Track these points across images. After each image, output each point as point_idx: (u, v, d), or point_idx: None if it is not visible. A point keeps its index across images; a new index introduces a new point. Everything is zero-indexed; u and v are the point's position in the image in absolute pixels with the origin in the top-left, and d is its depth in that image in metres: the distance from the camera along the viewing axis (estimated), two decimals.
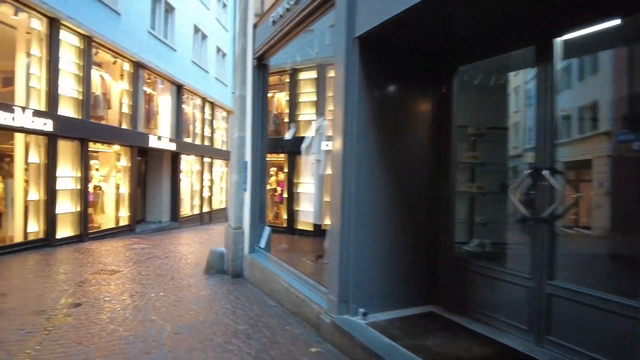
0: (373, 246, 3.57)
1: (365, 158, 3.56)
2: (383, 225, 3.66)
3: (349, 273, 3.45)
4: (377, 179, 3.64)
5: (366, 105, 3.60)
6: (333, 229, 3.58)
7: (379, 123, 3.68)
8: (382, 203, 3.66)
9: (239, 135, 6.29)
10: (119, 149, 12.16)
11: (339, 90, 3.59)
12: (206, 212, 18.50)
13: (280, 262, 5.11)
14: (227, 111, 21.33)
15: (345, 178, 3.47)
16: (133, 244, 10.17)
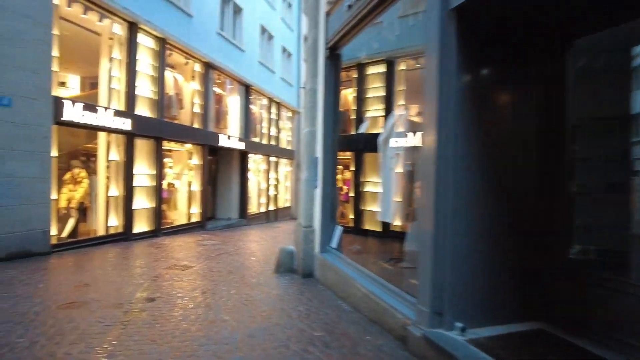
0: (472, 252, 3.07)
1: (462, 154, 3.06)
2: (483, 229, 3.14)
3: (443, 282, 2.98)
4: (476, 177, 3.13)
5: (464, 93, 3.10)
6: (424, 232, 3.12)
7: (478, 113, 3.17)
8: (482, 204, 3.15)
9: (309, 130, 6.02)
10: (191, 147, 12.55)
11: (431, 76, 3.13)
12: (272, 210, 18.69)
13: (355, 264, 4.74)
14: (292, 111, 21.44)
15: (439, 176, 3.00)
16: (204, 240, 10.38)
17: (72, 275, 5.82)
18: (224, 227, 13.82)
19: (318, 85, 5.94)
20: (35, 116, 7.04)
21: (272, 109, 18.56)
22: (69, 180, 8.71)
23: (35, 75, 7.03)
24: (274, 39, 18.31)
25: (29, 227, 6.97)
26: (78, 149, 10.03)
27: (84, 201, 8.86)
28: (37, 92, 7.07)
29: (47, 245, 7.26)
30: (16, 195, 6.75)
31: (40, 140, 7.14)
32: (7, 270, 5.92)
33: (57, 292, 4.91)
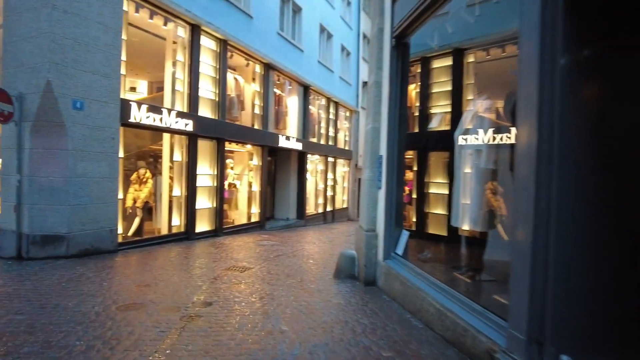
0: (582, 267, 2.48)
1: (569, 149, 2.48)
2: (596, 239, 2.54)
3: (545, 304, 2.43)
4: (585, 176, 2.53)
5: (571, 78, 2.52)
6: (520, 242, 2.59)
7: (588, 100, 2.57)
8: (594, 209, 2.54)
9: (372, 126, 5.60)
10: (251, 148, 12.61)
11: (529, 60, 2.59)
12: (329, 211, 18.43)
13: (426, 275, 4.23)
14: (350, 110, 21.05)
15: (539, 177, 2.45)
16: (263, 240, 10.31)
17: (134, 275, 5.87)
18: (282, 228, 13.76)
19: (383, 77, 5.50)
20: (105, 118, 7.29)
21: (330, 109, 18.31)
22: (135, 181, 9.00)
23: (105, 79, 7.27)
24: (333, 37, 18.05)
25: (99, 226, 7.21)
26: (144, 150, 10.41)
27: (148, 201, 9.11)
28: (107, 95, 7.32)
29: (114, 244, 7.49)
30: (88, 195, 7.02)
31: (109, 141, 7.38)
32: (77, 267, 6.12)
33: (119, 291, 4.92)
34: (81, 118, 6.89)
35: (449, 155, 6.67)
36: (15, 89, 6.69)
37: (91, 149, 7.06)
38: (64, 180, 6.71)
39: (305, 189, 15.67)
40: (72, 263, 6.34)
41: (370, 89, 5.75)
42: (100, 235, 7.25)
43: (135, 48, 10.21)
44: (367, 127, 5.81)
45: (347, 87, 20.07)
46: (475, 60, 9.53)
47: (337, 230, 14.98)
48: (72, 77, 6.72)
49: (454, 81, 9.39)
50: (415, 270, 4.47)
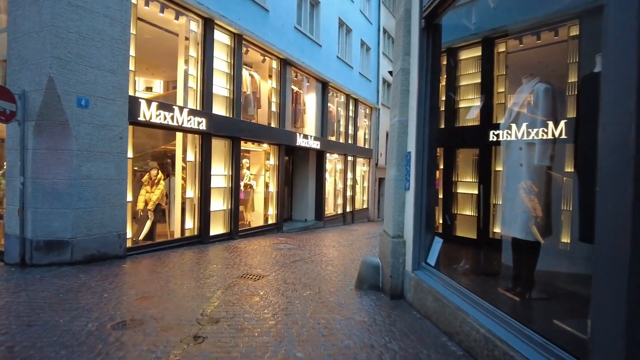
0: None
1: None
2: None
3: None
4: None
5: None
6: (604, 251, 1.96)
7: None
8: None
9: (399, 119, 4.98)
10: (268, 147, 12.13)
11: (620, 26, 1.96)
12: (349, 212, 17.82)
13: (466, 290, 3.61)
14: (370, 107, 20.39)
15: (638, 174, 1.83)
16: (280, 243, 9.80)
17: (140, 284, 5.43)
18: (300, 230, 13.24)
19: (411, 64, 4.88)
20: (112, 116, 6.90)
21: (349, 106, 17.70)
22: (146, 182, 8.63)
23: (112, 75, 6.88)
24: (352, 32, 17.43)
25: (106, 230, 6.83)
26: (155, 150, 10.05)
27: (160, 203, 8.73)
28: (114, 92, 6.93)
29: (122, 249, 7.10)
30: (93, 197, 6.63)
31: (117, 141, 6.98)
32: (80, 274, 5.72)
33: (119, 304, 4.47)
34: (86, 116, 6.51)
35: (478, 152, 6.01)
36: (19, 87, 6.36)
37: (97, 149, 6.67)
38: (68, 182, 6.33)
39: (323, 189, 15.13)
40: (75, 270, 5.95)
41: (397, 78, 5.14)
42: (108, 240, 6.86)
43: (148, 45, 9.88)
44: (393, 120, 5.21)
45: (367, 83, 19.41)
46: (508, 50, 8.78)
47: (357, 232, 14.37)
48: (76, 73, 6.34)
49: (483, 73, 8.68)
50: (451, 284, 3.84)
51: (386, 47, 21.97)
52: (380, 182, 21.71)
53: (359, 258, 8.35)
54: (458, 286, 3.74)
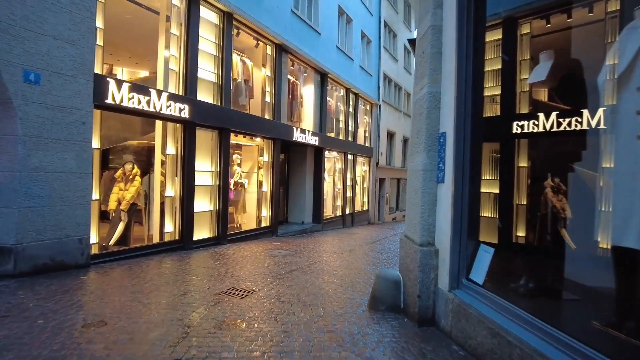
0: None
1: None
2: None
3: None
4: None
5: None
6: None
7: None
8: None
9: (428, 91, 3.84)
10: (261, 142, 10.96)
11: None
12: (348, 214, 16.67)
13: (543, 324, 2.46)
14: (371, 103, 19.28)
15: None
16: (274, 249, 8.63)
17: (95, 303, 4.24)
18: (296, 233, 12.06)
19: (445, 19, 3.75)
20: (72, 97, 5.70)
21: (349, 101, 16.57)
22: (119, 178, 7.42)
23: (72, 46, 5.69)
24: (353, 23, 16.33)
25: (63, 234, 5.62)
26: (130, 141, 8.86)
27: (136, 202, 7.52)
28: (75, 67, 5.74)
29: (84, 256, 5.89)
30: (47, 195, 5.43)
31: (78, 126, 5.79)
32: (19, 291, 4.51)
33: (54, 335, 3.27)
34: (37, 95, 5.31)
35: (499, 146, 4.91)
36: None
37: (52, 136, 5.47)
38: (12, 175, 5.12)
39: (322, 189, 13.97)
40: (16, 285, 4.74)
41: (424, 40, 4.01)
42: (65, 246, 5.66)
43: (130, 29, 8.75)
44: (419, 94, 4.07)
45: (368, 78, 18.31)
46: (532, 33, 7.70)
47: (358, 235, 13.22)
48: (22, 41, 5.14)
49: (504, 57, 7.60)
50: (519, 314, 2.69)
51: (387, 42, 20.89)
52: (381, 182, 20.58)
53: (365, 267, 7.20)
54: (531, 317, 2.59)
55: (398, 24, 22.52)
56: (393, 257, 8.69)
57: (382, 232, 15.05)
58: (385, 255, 8.99)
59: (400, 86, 23.28)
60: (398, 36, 22.48)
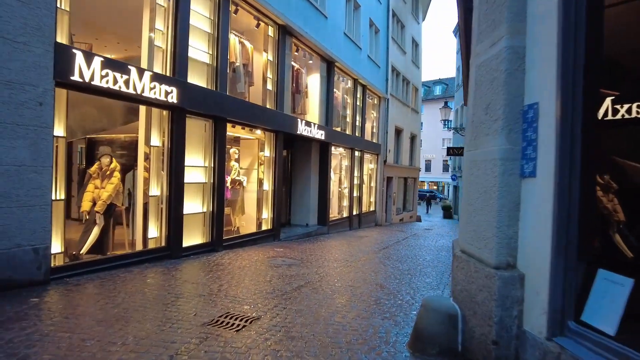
0: None
1: None
2: None
3: None
4: None
5: None
6: None
7: None
8: None
9: (507, 44, 2.65)
10: (262, 135, 9.77)
11: None
12: (355, 216, 15.49)
13: None
14: (379, 97, 18.11)
15: None
16: (276, 257, 7.45)
17: (34, 342, 3.05)
18: (300, 237, 10.87)
19: None
20: (24, 70, 4.52)
21: (357, 94, 15.38)
22: (95, 174, 6.24)
23: (23, 6, 4.51)
24: (361, 9, 15.13)
25: (12, 243, 4.44)
26: (109, 131, 7.68)
27: (115, 203, 6.35)
28: (28, 33, 4.55)
29: (42, 271, 4.70)
30: None
31: (33, 108, 4.60)
32: None
33: None
34: None
35: None
36: None
37: None
38: None
39: (328, 188, 12.79)
40: None
41: None
42: (15, 258, 4.47)
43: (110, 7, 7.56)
44: (488, 52, 2.87)
45: (376, 69, 17.12)
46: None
47: (367, 239, 12.04)
48: None
49: None
50: None
51: (395, 32, 19.70)
52: (388, 181, 19.39)
53: (386, 282, 6.03)
54: None
55: (406, 14, 21.33)
56: (415, 268, 7.50)
57: (392, 236, 13.87)
58: (406, 265, 7.80)
59: (407, 80, 22.10)
60: (406, 27, 21.30)
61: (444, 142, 50.69)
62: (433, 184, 57.41)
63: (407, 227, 18.74)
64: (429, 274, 7.02)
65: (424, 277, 6.65)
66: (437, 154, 53.20)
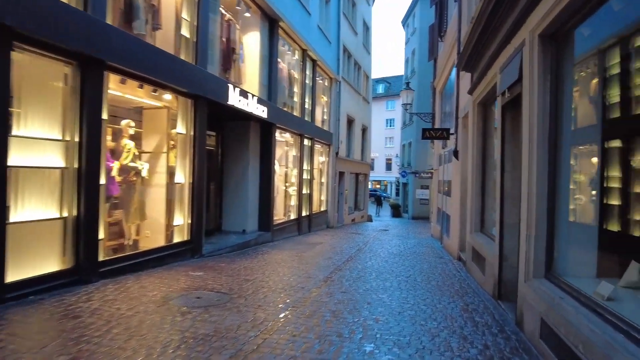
0: None
1: None
2: None
3: None
4: None
5: None
6: None
7: None
8: None
9: None
10: (173, 101, 6.65)
11: None
12: (304, 217, 12.73)
13: None
14: (330, 78, 15.54)
15: None
16: (190, 290, 4.51)
17: None
18: (234, 249, 7.90)
19: None
20: None
21: (306, 69, 12.62)
22: None
23: None
24: None
25: None
26: None
27: None
28: None
29: None
30: None
31: None
32: None
33: None
34: None
35: None
36: None
37: None
38: None
39: (272, 183, 9.90)
40: None
41: None
42: None
43: None
44: None
45: (327, 45, 14.51)
46: None
47: (321, 247, 9.36)
48: None
49: None
50: None
51: (347, 9, 17.23)
52: (340, 177, 16.89)
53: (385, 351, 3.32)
54: None
55: None
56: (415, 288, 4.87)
57: (350, 240, 11.32)
58: (387, 295, 5.15)
59: (359, 65, 19.79)
60: (357, 6, 18.95)
61: (386, 141, 49.85)
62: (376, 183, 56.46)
63: (362, 229, 16.38)
64: (444, 294, 4.44)
65: (443, 304, 4.05)
66: (380, 153, 52.18)
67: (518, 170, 4.20)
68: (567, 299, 2.74)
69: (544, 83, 3.33)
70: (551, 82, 3.29)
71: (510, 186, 4.40)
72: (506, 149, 4.43)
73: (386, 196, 47.24)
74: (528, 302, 3.25)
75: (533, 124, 3.38)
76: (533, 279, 3.29)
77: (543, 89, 3.33)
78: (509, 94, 4.01)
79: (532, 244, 3.34)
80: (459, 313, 4.23)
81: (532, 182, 3.39)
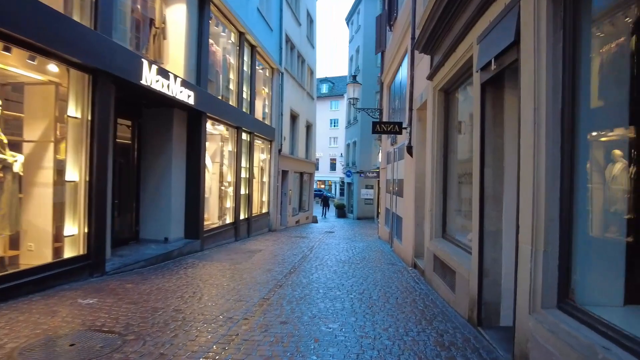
0: None
1: None
2: None
3: None
4: None
5: None
6: None
7: None
8: None
9: None
10: (63, 73, 5.11)
11: None
12: (243, 220, 11.40)
13: None
14: (272, 68, 14.33)
15: None
16: (58, 338, 3.15)
17: None
18: (149, 263, 6.46)
19: None
20: None
21: (244, 55, 11.31)
22: None
23: None
24: None
25: None
26: None
27: None
28: None
29: None
30: None
31: None
32: None
33: None
34: None
35: None
36: None
37: None
38: None
39: (202, 182, 8.51)
40: None
41: None
42: None
43: None
44: None
45: (268, 31, 13.29)
46: None
47: (261, 255, 8.17)
48: None
49: None
50: None
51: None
52: (283, 176, 15.73)
53: None
54: None
55: None
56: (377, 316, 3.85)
57: (294, 246, 10.21)
58: (338, 324, 4.10)
59: (303, 58, 18.76)
60: None
61: (331, 141, 49.49)
62: (321, 183, 55.96)
63: (306, 231, 15.35)
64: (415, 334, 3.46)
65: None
66: (325, 153, 51.72)
67: (505, 167, 3.32)
68: (614, 350, 1.84)
69: (554, 45, 2.44)
70: (564, 43, 2.41)
71: (492, 185, 3.54)
72: (487, 139, 3.56)
73: (331, 196, 46.75)
74: (542, 344, 2.33)
75: (541, 101, 2.49)
76: (543, 311, 2.39)
77: (553, 53, 2.44)
78: (495, 66, 3.12)
79: (539, 263, 2.44)
80: (435, 350, 3.27)
81: (538, 180, 2.50)
